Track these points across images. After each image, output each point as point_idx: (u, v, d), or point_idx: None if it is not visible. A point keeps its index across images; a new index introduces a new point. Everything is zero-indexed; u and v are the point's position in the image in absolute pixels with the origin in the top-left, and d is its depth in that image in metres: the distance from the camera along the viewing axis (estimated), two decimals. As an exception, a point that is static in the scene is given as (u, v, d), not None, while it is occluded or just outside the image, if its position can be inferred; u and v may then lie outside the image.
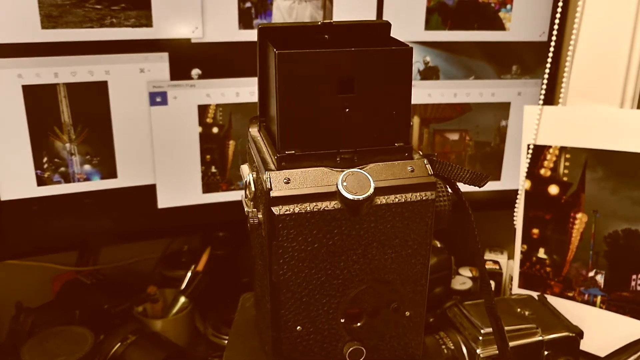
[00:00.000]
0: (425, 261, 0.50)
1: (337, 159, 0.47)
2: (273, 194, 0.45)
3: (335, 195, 0.46)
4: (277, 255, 0.46)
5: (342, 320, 0.49)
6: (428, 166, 0.48)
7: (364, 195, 0.45)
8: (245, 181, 0.51)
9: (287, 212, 0.45)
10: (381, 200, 0.46)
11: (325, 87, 0.45)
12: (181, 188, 0.82)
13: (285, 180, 0.45)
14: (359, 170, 0.46)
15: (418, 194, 0.47)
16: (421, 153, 0.50)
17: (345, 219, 0.46)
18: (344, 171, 0.46)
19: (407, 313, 0.51)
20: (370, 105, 0.46)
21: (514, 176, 0.92)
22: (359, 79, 0.45)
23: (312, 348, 0.50)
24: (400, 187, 0.47)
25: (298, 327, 0.49)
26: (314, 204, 0.45)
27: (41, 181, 0.75)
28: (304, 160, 0.46)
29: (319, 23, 0.47)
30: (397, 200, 0.47)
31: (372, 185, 0.45)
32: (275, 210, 0.45)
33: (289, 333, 0.49)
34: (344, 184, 0.45)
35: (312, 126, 0.46)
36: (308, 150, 0.46)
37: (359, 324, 0.50)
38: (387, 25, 0.49)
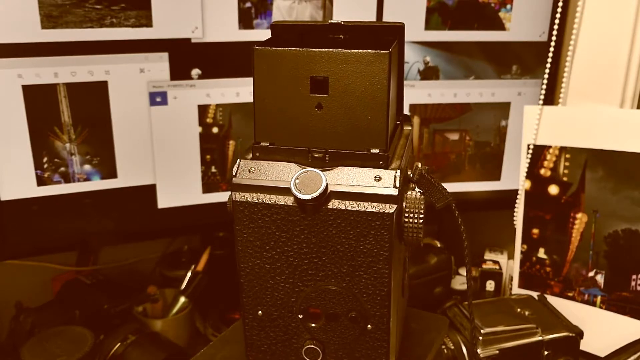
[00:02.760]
0: (384, 276, 0.47)
1: (309, 158, 0.47)
2: (235, 180, 0.47)
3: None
4: (235, 240, 0.48)
5: (300, 317, 0.49)
6: (397, 178, 0.45)
7: (309, 195, 0.44)
8: None
9: (242, 200, 0.47)
10: (334, 204, 0.46)
11: (299, 86, 0.46)
12: (181, 188, 0.82)
13: (250, 170, 0.47)
14: (314, 170, 0.46)
15: (377, 204, 0.45)
16: (420, 165, 0.49)
17: (299, 217, 0.46)
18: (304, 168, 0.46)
19: (369, 326, 0.49)
20: (344, 107, 0.46)
21: (514, 176, 0.92)
22: (334, 80, 0.45)
23: (274, 336, 0.51)
24: (357, 195, 0.45)
25: (259, 312, 0.50)
26: (270, 196, 0.46)
27: (41, 181, 0.75)
28: (278, 153, 0.47)
29: (328, 23, 0.48)
30: (351, 207, 0.45)
31: (323, 187, 0.45)
32: (233, 196, 0.47)
33: (251, 315, 0.51)
34: (296, 181, 0.45)
35: (285, 122, 0.47)
36: (282, 145, 0.47)
37: (315, 325, 0.49)
38: (401, 28, 0.48)
